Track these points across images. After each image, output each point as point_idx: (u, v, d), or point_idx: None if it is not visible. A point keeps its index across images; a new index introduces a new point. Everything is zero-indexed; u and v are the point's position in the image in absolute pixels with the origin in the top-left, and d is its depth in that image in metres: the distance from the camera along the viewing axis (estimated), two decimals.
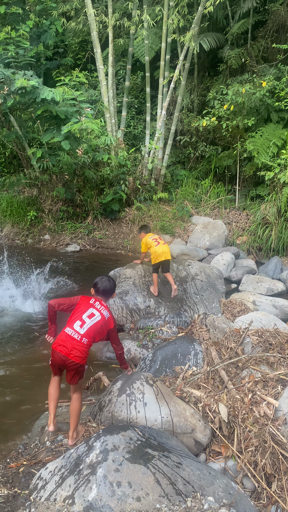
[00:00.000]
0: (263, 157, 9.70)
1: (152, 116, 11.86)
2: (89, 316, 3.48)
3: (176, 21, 9.95)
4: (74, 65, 13.23)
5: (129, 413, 3.56)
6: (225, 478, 3.04)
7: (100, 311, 3.54)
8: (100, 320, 3.50)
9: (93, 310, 3.53)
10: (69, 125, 8.10)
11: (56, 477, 2.88)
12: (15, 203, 10.71)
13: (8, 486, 3.19)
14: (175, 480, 2.75)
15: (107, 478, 2.67)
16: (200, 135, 12.02)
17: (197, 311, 6.24)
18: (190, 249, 9.09)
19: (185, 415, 3.60)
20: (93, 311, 3.52)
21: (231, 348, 4.79)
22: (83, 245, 10.09)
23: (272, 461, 3.31)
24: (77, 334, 3.39)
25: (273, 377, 4.04)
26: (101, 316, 3.51)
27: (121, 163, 10.50)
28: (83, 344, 3.38)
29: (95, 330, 3.46)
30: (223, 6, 11.62)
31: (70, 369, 3.39)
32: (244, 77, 11.30)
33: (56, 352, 3.39)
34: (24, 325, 6.31)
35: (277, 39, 11.50)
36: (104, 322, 3.52)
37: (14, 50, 9.06)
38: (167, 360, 4.80)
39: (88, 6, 10.26)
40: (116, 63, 12.68)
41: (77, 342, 3.37)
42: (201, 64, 13.12)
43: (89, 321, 3.45)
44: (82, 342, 3.38)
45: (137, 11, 10.73)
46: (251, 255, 9.38)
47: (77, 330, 3.41)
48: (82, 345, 3.37)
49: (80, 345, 3.36)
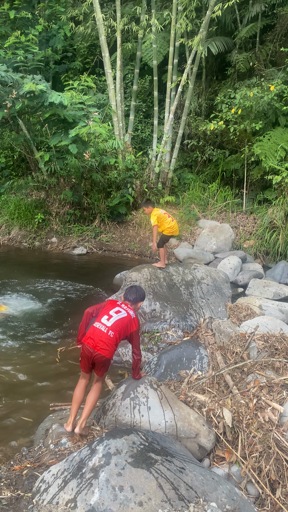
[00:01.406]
0: (271, 161, 9.66)
1: (159, 119, 11.88)
2: (116, 312, 3.65)
3: (184, 25, 9.97)
4: (82, 69, 13.32)
5: (132, 417, 3.55)
6: (229, 484, 3.02)
7: (126, 310, 3.71)
8: (126, 317, 3.64)
9: (119, 308, 3.71)
10: (76, 129, 8.14)
11: (59, 480, 2.88)
12: (23, 206, 10.78)
13: (12, 489, 3.19)
14: (178, 485, 2.73)
15: (110, 482, 2.66)
16: (207, 139, 12.01)
17: (203, 315, 6.22)
18: (196, 252, 9.07)
19: (189, 420, 3.59)
20: (119, 308, 3.71)
21: (237, 353, 4.76)
22: (90, 248, 10.12)
23: (277, 467, 3.28)
24: (104, 327, 3.55)
25: (279, 383, 4.00)
26: (127, 314, 3.67)
27: (128, 166, 10.52)
28: (109, 337, 3.51)
29: (121, 326, 3.59)
30: (231, 10, 11.63)
31: (96, 362, 3.54)
32: (252, 81, 11.28)
33: (84, 345, 3.56)
34: (31, 327, 6.33)
35: (286, 43, 11.48)
36: (129, 320, 3.65)
37: (23, 55, 9.15)
38: (172, 364, 4.79)
39: (97, 10, 10.33)
40: (124, 67, 12.74)
41: (104, 334, 3.51)
42: (209, 68, 13.13)
43: (115, 316, 3.62)
44: (109, 335, 3.51)
45: (145, 16, 10.78)
46: (258, 259, 9.33)
47: (104, 323, 3.57)
48: (108, 338, 3.51)
49: (106, 337, 3.50)
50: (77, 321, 6.22)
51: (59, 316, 6.78)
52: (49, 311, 6.93)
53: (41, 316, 6.75)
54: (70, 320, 6.55)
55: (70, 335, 6.07)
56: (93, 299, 7.29)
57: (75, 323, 6.44)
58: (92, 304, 3.94)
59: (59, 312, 6.94)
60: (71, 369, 5.27)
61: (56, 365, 5.36)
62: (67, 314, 6.82)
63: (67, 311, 6.92)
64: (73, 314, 6.76)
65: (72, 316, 6.68)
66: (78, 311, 6.85)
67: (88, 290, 7.72)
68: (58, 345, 5.81)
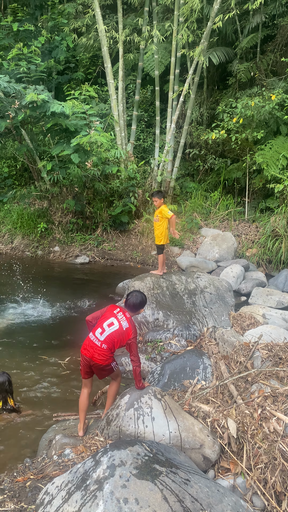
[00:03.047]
0: (273, 169, 9.69)
1: (161, 129, 11.95)
2: (108, 325, 3.77)
3: (185, 36, 10.07)
4: (85, 79, 13.45)
5: (136, 428, 3.53)
6: (234, 496, 2.99)
7: (119, 321, 3.78)
8: (117, 330, 3.75)
9: (114, 319, 3.80)
10: (78, 138, 8.20)
11: (63, 492, 2.85)
12: (26, 215, 10.82)
13: (15, 501, 3.16)
14: (183, 497, 2.70)
15: (114, 494, 2.63)
16: (209, 148, 12.06)
17: (206, 324, 6.20)
18: (199, 261, 9.07)
19: (194, 430, 3.56)
20: (113, 320, 3.79)
21: (241, 362, 4.74)
22: (92, 257, 10.13)
23: (282, 479, 3.24)
24: (98, 341, 3.76)
25: (283, 392, 3.98)
26: (118, 326, 3.76)
27: (130, 175, 10.57)
28: (103, 349, 3.74)
29: (113, 338, 3.74)
30: (232, 21, 11.74)
31: (95, 369, 3.86)
32: (253, 91, 11.35)
33: (82, 355, 3.86)
34: (33, 337, 6.32)
35: (286, 53, 11.57)
36: (121, 332, 3.75)
37: (26, 66, 9.24)
38: (176, 374, 4.76)
39: (99, 22, 10.44)
40: (126, 77, 12.84)
41: (98, 348, 3.75)
42: (210, 78, 13.23)
43: (108, 330, 3.76)
44: (102, 348, 3.74)
45: (147, 27, 10.89)
46: (261, 268, 9.32)
47: (97, 337, 3.77)
48: (102, 350, 3.74)
49: (100, 350, 3.75)
50: (77, 332, 6.24)
51: (61, 326, 6.77)
52: (50, 322, 6.93)
53: (43, 326, 6.74)
54: (72, 330, 6.54)
55: (72, 345, 6.05)
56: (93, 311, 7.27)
57: (76, 333, 6.44)
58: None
59: (61, 322, 6.93)
60: (74, 379, 5.25)
61: (59, 375, 5.35)
62: (69, 324, 6.81)
63: (69, 322, 6.91)
64: (74, 325, 6.76)
65: (73, 327, 6.67)
66: (78, 322, 6.86)
67: (89, 298, 7.72)
68: (60, 355, 5.79)
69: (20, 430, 4.31)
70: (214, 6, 9.70)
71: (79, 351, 3.96)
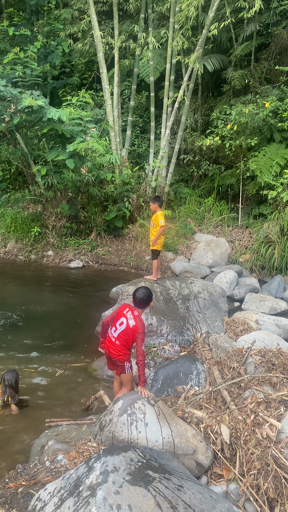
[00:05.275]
0: (266, 176, 9.77)
1: (156, 135, 12.01)
2: (119, 324, 4.18)
3: (180, 43, 10.15)
4: (80, 84, 13.48)
5: (130, 433, 3.52)
6: (227, 502, 2.99)
7: (127, 320, 4.14)
8: (125, 328, 4.13)
9: (123, 319, 4.17)
10: (75, 144, 8.21)
11: (55, 499, 2.83)
12: (19, 219, 10.78)
13: (6, 507, 3.14)
14: (176, 504, 2.70)
15: (107, 501, 2.62)
16: (203, 154, 12.14)
17: (200, 329, 6.21)
18: (193, 266, 9.09)
19: (187, 436, 3.56)
20: (123, 319, 4.17)
21: (234, 368, 4.75)
22: (86, 261, 10.11)
23: (275, 485, 3.25)
24: (113, 337, 4.22)
25: (276, 398, 3.99)
26: (126, 325, 4.13)
27: (125, 180, 10.59)
28: (117, 345, 4.18)
29: (124, 336, 4.15)
30: (227, 29, 11.86)
31: (113, 360, 4.29)
32: (247, 98, 11.46)
33: (104, 349, 4.36)
34: (26, 343, 6.29)
35: (280, 61, 11.71)
36: (129, 330, 4.11)
37: (21, 70, 9.26)
38: (169, 379, 4.76)
39: (95, 28, 10.50)
40: (122, 83, 12.90)
41: (113, 343, 4.21)
42: (205, 85, 13.34)
43: (119, 328, 4.17)
44: (116, 344, 4.19)
45: (142, 33, 10.96)
46: (254, 274, 9.36)
47: (112, 334, 4.24)
48: (116, 346, 4.19)
49: (114, 345, 4.20)
50: (68, 338, 6.22)
51: (50, 332, 6.75)
52: (40, 327, 6.90)
53: (33, 333, 6.71)
54: (62, 337, 6.52)
55: (63, 355, 6.03)
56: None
57: (66, 338, 6.42)
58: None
59: (55, 327, 6.91)
60: (66, 386, 5.23)
61: (51, 381, 5.32)
62: (61, 331, 6.79)
63: (58, 328, 6.89)
64: (64, 332, 6.73)
65: (63, 332, 6.65)
66: (69, 329, 6.83)
67: (83, 303, 7.70)
68: (54, 362, 5.77)
69: (12, 435, 4.27)
70: (209, 14, 9.80)
71: (69, 356, 4.00)
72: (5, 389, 4.71)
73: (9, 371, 4.85)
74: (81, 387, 5.21)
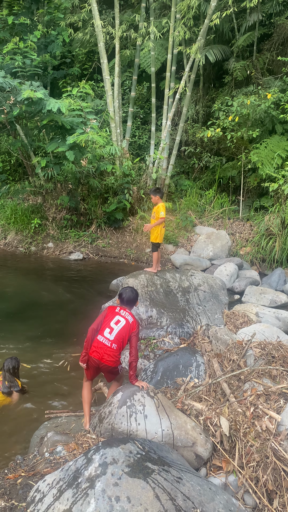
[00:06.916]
0: (267, 168, 9.70)
1: (157, 126, 11.92)
2: (115, 323, 3.87)
3: (182, 33, 10.03)
4: (80, 75, 13.35)
5: (129, 425, 3.52)
6: (226, 494, 2.99)
7: (125, 317, 3.90)
8: (125, 325, 3.86)
9: (119, 317, 3.91)
10: (75, 136, 8.13)
11: (54, 490, 2.84)
12: (20, 211, 10.75)
13: (5, 498, 3.14)
14: (175, 496, 2.70)
15: (106, 492, 2.62)
16: (204, 146, 12.05)
17: (200, 322, 6.20)
18: (193, 259, 9.06)
19: (186, 428, 3.56)
20: (119, 318, 3.90)
21: (234, 361, 4.74)
22: (86, 254, 10.09)
23: (274, 477, 3.25)
24: (107, 341, 3.81)
25: (276, 391, 3.98)
26: (125, 321, 3.87)
27: (125, 172, 10.53)
28: (113, 350, 3.81)
29: (123, 334, 3.83)
30: (229, 19, 11.72)
31: (104, 371, 3.94)
32: (249, 89, 11.35)
33: (91, 358, 3.86)
34: (26, 335, 6.29)
35: (283, 52, 11.57)
36: (129, 326, 3.87)
37: (21, 60, 9.15)
38: (169, 371, 4.76)
39: (96, 17, 10.37)
40: (122, 74, 12.79)
41: (108, 348, 3.80)
42: (206, 76, 13.20)
43: (116, 327, 3.85)
44: (112, 348, 3.80)
45: (144, 23, 10.83)
46: (255, 266, 9.34)
47: (107, 337, 3.82)
48: (112, 351, 3.80)
49: (110, 350, 3.80)
50: (68, 329, 6.22)
51: (50, 329, 6.74)
52: (42, 324, 6.89)
53: (31, 325, 6.71)
54: (59, 332, 6.52)
55: (63, 346, 6.03)
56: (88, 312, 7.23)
57: (66, 330, 6.42)
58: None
59: (53, 325, 6.91)
60: (66, 377, 5.23)
61: (51, 372, 5.32)
62: (60, 328, 6.78)
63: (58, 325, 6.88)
64: (64, 328, 6.73)
65: (62, 329, 6.64)
66: (70, 325, 6.82)
67: (83, 295, 7.69)
68: (53, 353, 5.77)
69: (11, 427, 4.28)
70: (211, 3, 9.66)
71: (68, 348, 3.96)
72: (5, 375, 4.75)
73: (9, 358, 4.89)
74: (82, 378, 5.20)
